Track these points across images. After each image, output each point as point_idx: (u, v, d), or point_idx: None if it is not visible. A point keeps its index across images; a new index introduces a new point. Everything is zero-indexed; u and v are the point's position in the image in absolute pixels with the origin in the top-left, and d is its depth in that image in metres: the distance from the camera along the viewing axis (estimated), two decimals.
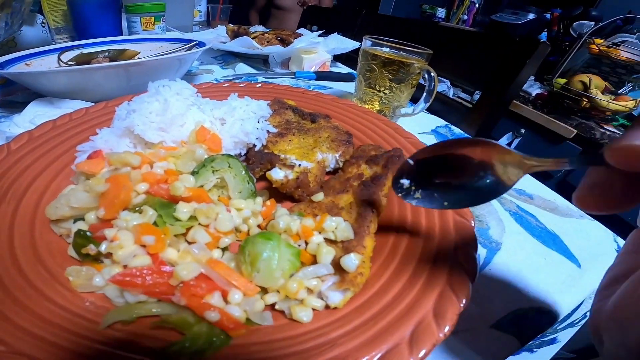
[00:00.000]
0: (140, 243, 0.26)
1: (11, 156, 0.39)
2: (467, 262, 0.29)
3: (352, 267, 0.27)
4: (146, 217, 0.27)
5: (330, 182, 0.39)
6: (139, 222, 0.26)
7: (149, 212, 0.27)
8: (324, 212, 0.34)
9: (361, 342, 0.23)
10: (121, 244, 0.25)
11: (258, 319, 0.24)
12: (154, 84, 0.40)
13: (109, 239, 0.26)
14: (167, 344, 0.22)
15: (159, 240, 0.26)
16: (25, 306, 0.24)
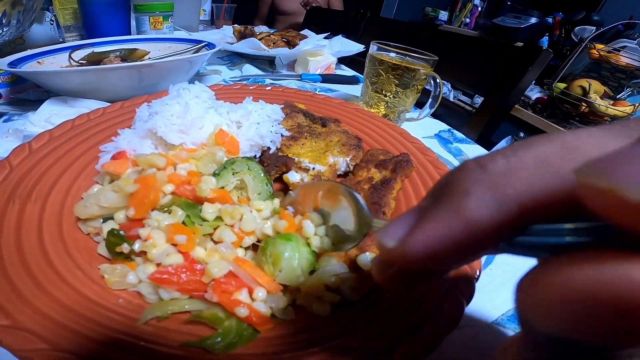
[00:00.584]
0: (172, 242, 0.27)
1: (33, 155, 0.40)
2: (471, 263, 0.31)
3: (368, 265, 0.29)
4: (176, 217, 0.28)
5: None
6: (170, 222, 0.28)
7: (178, 212, 0.29)
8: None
9: (377, 331, 0.25)
10: (154, 243, 0.27)
11: (282, 315, 0.26)
12: (175, 87, 0.42)
13: (143, 237, 0.27)
14: (201, 337, 0.24)
15: (190, 240, 0.27)
16: (62, 302, 0.26)
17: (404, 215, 0.16)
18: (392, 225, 0.16)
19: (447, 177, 0.15)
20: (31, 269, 0.28)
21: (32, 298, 0.26)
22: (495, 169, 0.13)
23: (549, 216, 0.13)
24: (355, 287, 0.29)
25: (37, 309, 0.25)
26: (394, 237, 0.15)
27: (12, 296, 0.26)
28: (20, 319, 0.24)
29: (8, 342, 0.23)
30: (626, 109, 1.64)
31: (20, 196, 0.35)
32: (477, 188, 0.13)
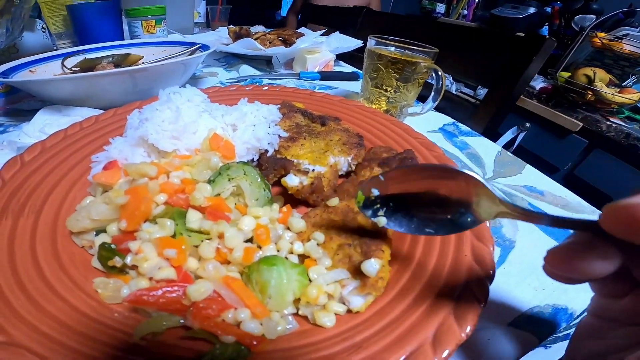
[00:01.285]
0: (163, 256, 0.26)
1: (25, 168, 0.39)
2: (484, 262, 0.30)
3: (373, 272, 0.27)
4: (166, 230, 0.27)
5: (344, 185, 0.39)
6: (161, 235, 0.26)
7: (167, 223, 0.27)
8: (340, 216, 0.34)
9: (386, 344, 0.24)
10: (146, 257, 0.25)
11: (274, 335, 0.24)
12: (165, 91, 0.40)
13: (134, 251, 0.26)
14: (198, 354, 0.23)
15: (181, 253, 0.26)
16: (56, 318, 0.25)
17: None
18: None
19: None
20: (24, 285, 0.27)
21: (27, 314, 0.25)
22: None
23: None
24: (361, 295, 0.27)
25: (32, 325, 0.24)
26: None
27: (6, 312, 0.25)
28: (15, 335, 0.24)
29: (3, 358, 0.22)
30: (633, 96, 1.62)
31: (12, 211, 0.34)
32: None
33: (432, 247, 0.32)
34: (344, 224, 0.33)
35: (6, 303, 0.26)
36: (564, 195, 0.52)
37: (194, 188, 0.31)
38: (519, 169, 0.58)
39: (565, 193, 0.52)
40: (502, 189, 0.52)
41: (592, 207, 0.49)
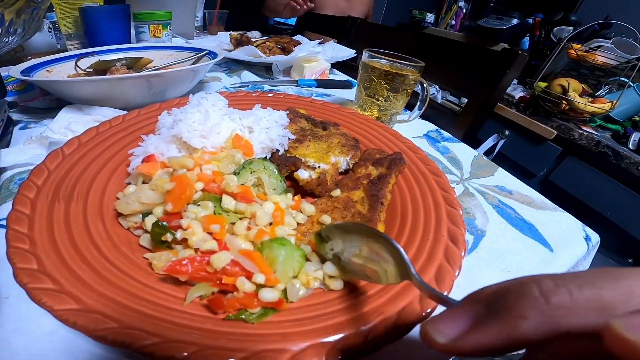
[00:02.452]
0: (207, 230, 0.32)
1: (67, 160, 0.45)
2: (458, 241, 0.38)
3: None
4: (208, 209, 0.34)
5: (344, 180, 0.47)
6: (205, 214, 0.33)
7: (209, 205, 0.34)
8: (342, 204, 0.42)
9: (386, 300, 0.31)
10: (194, 232, 0.32)
11: (296, 298, 0.31)
12: (195, 96, 0.47)
13: (184, 227, 0.32)
14: (238, 311, 0.29)
15: (222, 228, 0.32)
16: (120, 287, 0.30)
17: (454, 315, 0.18)
18: (442, 321, 0.18)
19: (506, 292, 0.17)
20: (87, 259, 0.32)
21: (95, 284, 0.30)
22: (557, 303, 0.15)
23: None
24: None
25: (101, 293, 0.29)
26: (446, 336, 0.17)
27: (76, 283, 0.29)
28: (89, 303, 0.28)
29: (83, 324, 0.26)
30: (604, 106, 1.73)
31: (63, 196, 0.39)
32: (535, 315, 0.15)
33: (417, 228, 0.40)
34: (345, 210, 0.41)
35: (76, 276, 0.30)
36: (530, 195, 0.60)
37: (223, 178, 0.38)
38: (492, 171, 0.66)
39: (531, 192, 0.60)
40: (477, 188, 0.60)
41: (553, 204, 0.57)
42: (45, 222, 0.35)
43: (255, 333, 0.28)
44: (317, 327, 0.29)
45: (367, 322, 0.30)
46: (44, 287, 0.29)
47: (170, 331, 0.27)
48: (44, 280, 0.29)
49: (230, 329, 0.28)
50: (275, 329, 0.29)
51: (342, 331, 0.29)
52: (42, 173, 0.42)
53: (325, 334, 0.28)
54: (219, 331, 0.28)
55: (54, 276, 0.30)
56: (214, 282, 0.30)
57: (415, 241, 0.38)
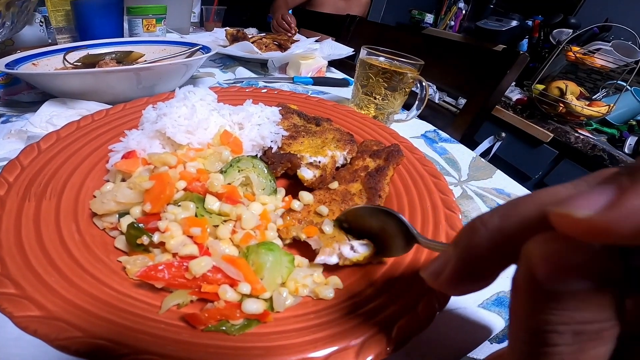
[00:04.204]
0: (187, 234, 0.30)
1: (43, 155, 0.42)
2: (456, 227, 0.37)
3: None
4: (189, 211, 0.31)
5: (341, 173, 0.45)
6: (186, 216, 0.30)
7: (190, 206, 0.31)
8: (340, 196, 0.40)
9: (378, 309, 0.29)
10: (172, 235, 0.29)
11: (282, 307, 0.28)
12: (182, 89, 0.45)
13: (162, 229, 0.30)
14: (219, 321, 0.26)
15: (204, 231, 0.30)
16: (89, 292, 0.27)
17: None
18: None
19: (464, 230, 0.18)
20: (55, 262, 0.29)
21: (61, 289, 0.27)
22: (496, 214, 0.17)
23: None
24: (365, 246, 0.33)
25: (67, 299, 0.26)
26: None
27: (41, 288, 0.27)
28: (52, 310, 0.25)
29: (44, 332, 0.24)
30: (601, 109, 1.73)
31: (35, 194, 0.36)
32: (483, 229, 0.17)
33: (416, 215, 0.39)
34: (342, 202, 0.39)
35: (40, 280, 0.28)
36: None
37: (208, 177, 0.35)
38: (490, 174, 0.64)
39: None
40: (475, 190, 0.58)
41: None
42: (13, 222, 0.32)
43: (237, 346, 0.26)
44: (305, 341, 0.26)
45: (359, 335, 0.27)
46: (5, 292, 0.26)
47: (142, 342, 0.25)
48: (5, 284, 0.27)
49: (209, 341, 0.26)
50: (259, 341, 0.26)
51: (332, 345, 0.26)
52: (14, 169, 0.39)
53: (312, 348, 0.26)
54: (196, 343, 0.25)
55: (17, 280, 0.27)
56: (193, 289, 0.28)
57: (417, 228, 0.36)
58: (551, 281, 0.13)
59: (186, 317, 0.26)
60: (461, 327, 0.35)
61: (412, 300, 0.30)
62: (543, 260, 0.14)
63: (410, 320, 0.28)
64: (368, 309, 0.30)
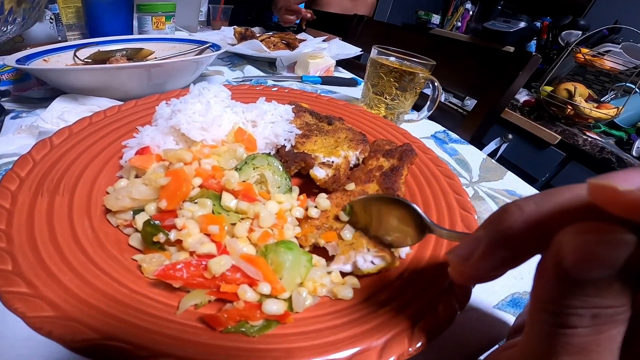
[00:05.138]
0: (205, 232, 0.29)
1: (56, 150, 0.42)
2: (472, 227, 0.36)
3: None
4: (207, 208, 0.30)
5: (356, 173, 0.45)
6: (203, 213, 0.30)
7: (207, 203, 0.31)
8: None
9: (399, 311, 0.28)
10: (189, 232, 0.28)
11: (302, 308, 0.28)
12: (196, 86, 0.44)
13: (179, 227, 0.29)
14: (238, 322, 0.26)
15: (221, 229, 0.29)
16: (104, 292, 0.27)
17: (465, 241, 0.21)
18: (456, 247, 0.21)
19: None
20: (69, 260, 0.29)
21: (75, 288, 0.26)
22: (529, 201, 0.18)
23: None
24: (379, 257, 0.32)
25: (82, 299, 0.26)
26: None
27: (54, 287, 0.26)
28: (67, 310, 0.25)
29: (59, 334, 0.23)
30: (610, 112, 1.71)
31: (48, 189, 0.36)
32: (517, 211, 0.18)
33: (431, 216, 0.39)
34: None
35: (54, 279, 0.27)
36: None
37: (223, 174, 0.34)
38: (501, 175, 0.64)
39: None
40: (486, 192, 0.58)
41: None
42: (26, 218, 0.32)
43: (257, 348, 0.25)
44: (326, 342, 0.26)
45: (380, 336, 0.27)
46: (18, 290, 0.25)
47: (160, 344, 0.24)
48: (18, 283, 0.26)
49: (229, 342, 0.25)
50: (279, 343, 0.25)
51: (354, 346, 0.26)
52: (26, 163, 0.39)
53: (334, 349, 0.25)
54: (215, 345, 0.25)
55: (29, 279, 0.26)
56: (212, 289, 0.27)
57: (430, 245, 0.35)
58: (578, 270, 0.14)
59: (205, 319, 0.25)
60: (476, 328, 0.34)
61: (432, 300, 0.29)
62: (573, 250, 0.15)
63: (431, 320, 0.28)
64: (388, 309, 0.29)
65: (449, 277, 0.31)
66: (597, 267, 0.14)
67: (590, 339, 0.15)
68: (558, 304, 0.15)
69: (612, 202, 0.14)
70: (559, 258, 0.15)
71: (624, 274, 0.14)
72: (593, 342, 0.15)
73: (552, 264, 0.15)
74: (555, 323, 0.16)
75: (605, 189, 0.14)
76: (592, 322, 0.15)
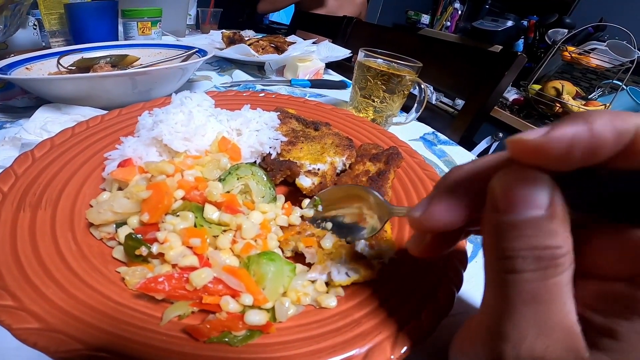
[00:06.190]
0: (187, 244, 0.29)
1: (38, 163, 0.41)
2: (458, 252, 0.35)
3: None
4: (188, 221, 0.30)
5: (343, 178, 0.45)
6: (185, 226, 0.30)
7: (189, 216, 0.31)
8: None
9: (381, 318, 0.29)
10: (171, 245, 0.29)
11: (285, 317, 0.28)
12: (178, 95, 0.44)
13: (161, 240, 0.29)
14: (221, 333, 0.26)
15: (204, 242, 0.29)
16: (88, 304, 0.27)
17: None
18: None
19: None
20: (52, 274, 0.29)
21: (59, 301, 0.27)
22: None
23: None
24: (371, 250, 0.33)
25: (65, 311, 0.26)
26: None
27: (38, 300, 0.26)
28: (51, 322, 0.25)
29: (44, 345, 0.24)
30: (597, 109, 1.74)
31: (30, 204, 0.36)
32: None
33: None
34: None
35: (37, 291, 0.27)
36: None
37: (206, 185, 0.34)
38: None
39: None
40: None
41: None
42: (9, 232, 0.32)
43: (240, 357, 0.25)
44: (309, 351, 0.26)
45: (363, 344, 0.27)
46: (3, 304, 0.26)
47: (143, 355, 0.24)
48: (2, 296, 0.26)
49: (213, 352, 0.25)
50: (263, 352, 0.26)
51: (336, 354, 0.26)
52: (8, 178, 0.38)
53: (317, 358, 0.25)
54: (199, 355, 0.25)
55: (14, 292, 0.27)
56: (194, 301, 0.27)
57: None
58: (509, 208, 0.17)
59: (188, 330, 0.26)
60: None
61: (415, 307, 0.30)
62: (501, 190, 0.17)
63: (415, 326, 0.28)
64: (371, 316, 0.29)
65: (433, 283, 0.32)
66: (523, 205, 0.17)
67: (540, 285, 0.16)
68: (502, 248, 0.17)
69: (523, 152, 0.17)
70: (493, 202, 0.18)
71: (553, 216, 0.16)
72: (543, 288, 0.16)
73: (489, 211, 0.18)
74: (504, 269, 0.17)
75: (517, 142, 0.17)
76: (536, 264, 0.16)
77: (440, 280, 0.32)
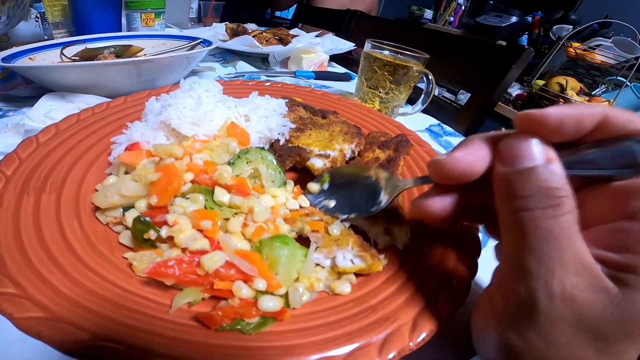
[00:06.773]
0: (197, 227, 0.28)
1: (42, 148, 0.40)
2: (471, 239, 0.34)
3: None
4: (198, 203, 0.29)
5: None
6: (195, 208, 0.29)
7: (199, 198, 0.30)
8: None
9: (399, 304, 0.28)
10: (181, 229, 0.28)
11: (299, 304, 0.27)
12: (187, 80, 0.43)
13: (170, 223, 0.28)
14: (233, 320, 0.25)
15: (214, 225, 0.28)
16: (95, 292, 0.26)
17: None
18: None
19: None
20: (57, 260, 0.28)
21: (64, 289, 0.26)
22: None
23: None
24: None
25: (71, 299, 0.25)
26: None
27: (43, 288, 0.25)
28: (56, 310, 0.24)
29: (48, 335, 0.22)
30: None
31: (34, 188, 0.35)
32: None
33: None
34: None
35: (42, 279, 0.26)
36: None
37: (215, 169, 0.33)
38: None
39: None
40: None
41: None
42: (12, 217, 0.31)
43: (253, 346, 0.24)
44: (324, 338, 0.25)
45: (380, 331, 0.26)
46: (5, 291, 0.25)
47: (153, 344, 0.23)
48: (5, 283, 0.25)
49: (224, 341, 0.24)
50: (276, 340, 0.25)
51: (353, 341, 0.25)
52: (12, 162, 0.37)
53: (333, 346, 0.24)
54: (210, 344, 0.24)
55: (16, 279, 0.26)
56: (205, 287, 0.26)
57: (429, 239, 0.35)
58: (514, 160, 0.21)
59: (200, 317, 0.25)
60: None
61: (431, 296, 0.29)
62: (507, 148, 0.21)
63: (431, 316, 0.27)
64: (386, 303, 0.28)
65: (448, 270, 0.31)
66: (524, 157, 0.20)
67: (552, 222, 0.19)
68: (513, 191, 0.20)
69: (527, 123, 0.21)
70: (501, 158, 0.22)
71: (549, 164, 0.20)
72: (555, 224, 0.19)
73: (500, 166, 0.22)
74: (518, 208, 0.20)
75: (523, 115, 0.21)
76: (545, 202, 0.19)
77: (455, 267, 0.31)
